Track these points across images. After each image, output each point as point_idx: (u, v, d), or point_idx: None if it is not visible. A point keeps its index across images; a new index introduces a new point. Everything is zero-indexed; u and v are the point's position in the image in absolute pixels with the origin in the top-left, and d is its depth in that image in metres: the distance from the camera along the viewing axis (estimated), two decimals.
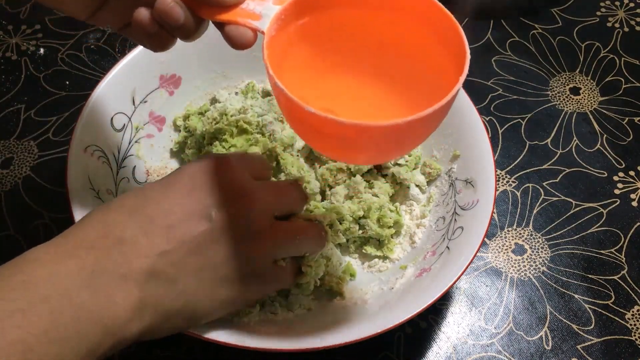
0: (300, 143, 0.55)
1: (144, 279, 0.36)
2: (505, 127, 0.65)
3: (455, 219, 0.51)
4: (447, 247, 0.49)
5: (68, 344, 0.32)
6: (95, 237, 0.36)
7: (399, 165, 0.55)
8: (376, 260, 0.53)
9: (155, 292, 0.37)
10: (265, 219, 0.42)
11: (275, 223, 0.43)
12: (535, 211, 0.59)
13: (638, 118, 0.66)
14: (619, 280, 0.55)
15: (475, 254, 0.46)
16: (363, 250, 0.53)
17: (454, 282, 0.45)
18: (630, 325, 0.53)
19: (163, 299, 0.38)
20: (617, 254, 0.57)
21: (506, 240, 0.57)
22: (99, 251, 0.36)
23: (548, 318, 0.53)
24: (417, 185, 0.56)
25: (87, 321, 0.33)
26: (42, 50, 0.67)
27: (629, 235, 0.58)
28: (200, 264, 0.39)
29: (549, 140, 0.64)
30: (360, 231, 0.52)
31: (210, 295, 0.40)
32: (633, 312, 0.54)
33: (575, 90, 0.68)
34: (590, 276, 0.55)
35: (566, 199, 0.60)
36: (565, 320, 0.53)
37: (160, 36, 0.38)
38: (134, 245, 0.37)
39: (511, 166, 0.62)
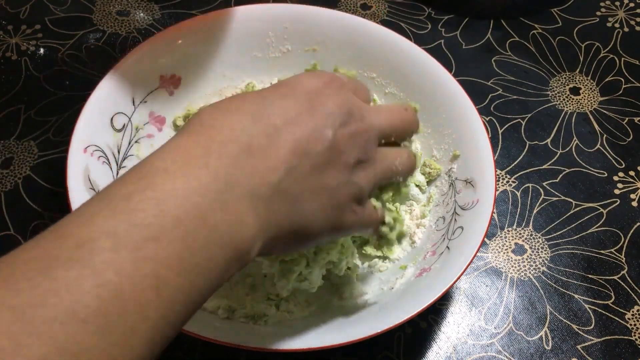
0: None
1: (270, 196, 0.34)
2: (505, 127, 0.65)
3: (455, 219, 0.51)
4: (447, 247, 0.49)
5: (201, 272, 0.30)
6: (221, 140, 0.33)
7: None
8: (376, 260, 0.53)
9: (278, 210, 0.35)
10: (375, 145, 0.40)
11: (378, 150, 0.41)
12: (535, 211, 0.59)
13: (638, 118, 0.66)
14: (619, 280, 0.55)
15: (475, 254, 0.46)
16: (363, 251, 0.53)
17: (454, 282, 0.45)
18: (630, 325, 0.53)
19: (285, 218, 0.35)
20: (617, 254, 0.57)
21: (506, 240, 0.57)
22: (229, 159, 0.33)
23: (548, 318, 0.53)
24: (417, 185, 0.56)
25: (219, 246, 0.31)
26: (42, 50, 0.67)
27: (629, 235, 0.58)
28: (320, 186, 0.37)
29: (549, 140, 0.64)
30: None
31: (323, 219, 0.38)
32: (633, 312, 0.54)
33: (575, 90, 0.68)
34: (590, 276, 0.55)
35: (566, 199, 0.60)
36: (565, 320, 0.53)
37: None
38: (262, 155, 0.34)
39: (511, 166, 0.62)
